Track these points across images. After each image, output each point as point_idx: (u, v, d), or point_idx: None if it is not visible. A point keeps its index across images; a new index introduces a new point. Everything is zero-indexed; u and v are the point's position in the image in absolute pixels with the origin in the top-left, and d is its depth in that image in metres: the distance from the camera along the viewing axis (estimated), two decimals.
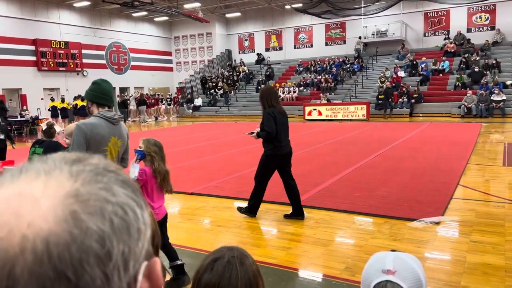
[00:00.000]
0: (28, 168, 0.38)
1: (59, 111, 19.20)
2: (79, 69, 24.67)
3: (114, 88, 26.77)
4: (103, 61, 26.41)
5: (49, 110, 19.46)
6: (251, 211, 5.08)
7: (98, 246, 0.34)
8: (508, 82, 18.50)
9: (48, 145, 4.77)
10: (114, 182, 0.39)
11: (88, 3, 23.66)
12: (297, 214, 4.97)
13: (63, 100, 19.41)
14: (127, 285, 0.37)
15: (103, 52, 26.38)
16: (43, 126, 5.17)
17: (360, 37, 25.14)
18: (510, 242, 4.03)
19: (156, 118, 23.86)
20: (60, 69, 23.60)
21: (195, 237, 4.54)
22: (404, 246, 4.05)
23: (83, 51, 24.82)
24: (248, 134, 5.21)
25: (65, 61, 23.81)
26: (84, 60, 24.91)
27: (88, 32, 25.35)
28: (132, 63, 28.39)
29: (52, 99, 20.18)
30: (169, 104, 24.82)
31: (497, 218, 4.76)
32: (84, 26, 25.12)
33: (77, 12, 24.60)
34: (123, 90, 27.51)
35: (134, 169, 3.50)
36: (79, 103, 19.69)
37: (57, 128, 5.17)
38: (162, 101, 24.25)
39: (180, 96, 27.77)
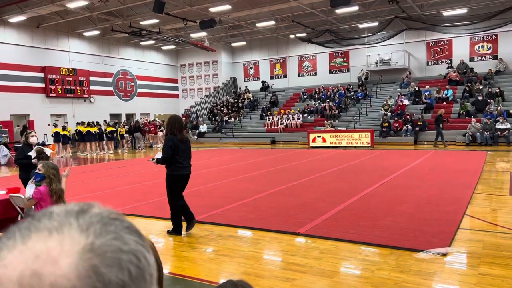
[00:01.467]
0: (37, 227, 0.39)
1: (61, 137, 19.43)
2: (87, 96, 25.06)
3: (120, 114, 27.10)
4: (110, 88, 26.84)
5: (52, 135, 19.74)
6: (176, 230, 5.67)
7: None
8: None
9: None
10: (122, 230, 0.41)
11: (97, 32, 24.27)
12: (188, 220, 5.72)
13: (64, 128, 19.69)
14: None
15: (110, 79, 26.85)
16: (33, 154, 5.25)
17: (362, 70, 25.45)
18: None
19: (151, 145, 23.86)
20: (68, 95, 23.99)
21: (199, 267, 4.49)
22: (411, 278, 3.98)
23: (91, 78, 25.28)
24: (150, 160, 5.89)
25: (73, 87, 24.23)
26: (92, 87, 25.33)
27: (97, 60, 25.89)
28: (139, 90, 28.82)
29: (55, 125, 20.44)
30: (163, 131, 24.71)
31: (505, 249, 4.68)
32: (93, 54, 25.68)
33: (86, 40, 25.21)
34: (129, 116, 27.82)
35: (30, 189, 4.26)
36: (83, 129, 19.90)
37: (47, 151, 5.29)
38: (160, 128, 24.29)
39: (187, 122, 27.95)
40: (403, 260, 4.45)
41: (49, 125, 21.97)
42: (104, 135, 20.96)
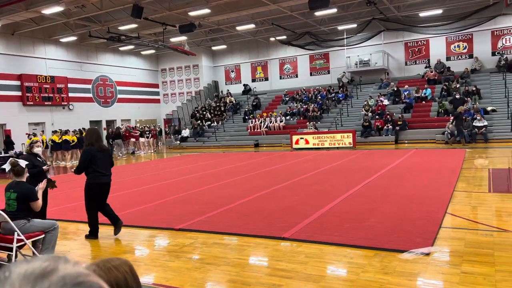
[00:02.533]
0: None
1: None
2: (65, 103, 24.61)
3: (100, 121, 26.69)
4: (90, 95, 26.43)
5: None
6: (92, 234, 6.04)
7: None
8: (489, 108, 18.98)
9: (21, 190, 4.88)
10: None
11: (74, 38, 23.87)
12: (115, 223, 6.08)
13: (34, 135, 19.28)
14: None
15: (89, 86, 26.44)
16: (7, 167, 5.11)
17: (344, 72, 25.69)
18: (500, 272, 4.02)
19: (133, 152, 23.55)
20: (46, 103, 23.51)
21: (183, 276, 4.42)
22: (395, 280, 4.01)
23: (69, 85, 24.84)
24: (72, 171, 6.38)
25: (51, 95, 23.76)
26: (70, 94, 24.89)
27: (75, 66, 25.46)
28: (119, 95, 28.46)
29: (34, 134, 20.00)
30: (147, 137, 24.30)
31: (486, 247, 4.76)
32: (71, 61, 25.25)
33: (63, 47, 24.77)
34: (109, 122, 27.43)
35: None
36: (55, 138, 19.48)
37: (22, 163, 5.15)
38: (142, 135, 23.97)
39: (166, 128, 27.72)
40: (388, 261, 4.48)
41: (27, 134, 21.46)
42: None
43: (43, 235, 4.96)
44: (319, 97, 24.53)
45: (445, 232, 5.44)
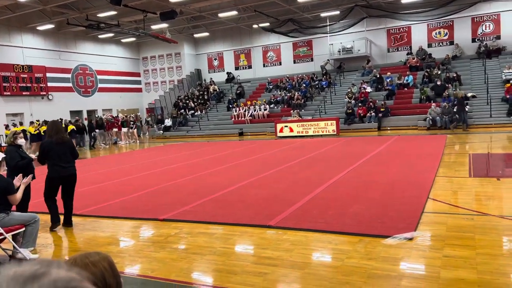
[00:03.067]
0: None
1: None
2: (44, 93, 24.03)
3: (81, 111, 26.21)
4: (69, 84, 25.86)
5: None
6: (53, 224, 6.01)
7: None
8: (469, 94, 19.29)
9: None
10: None
11: (52, 26, 23.22)
12: (65, 223, 6.12)
13: (14, 125, 18.87)
14: None
15: (69, 75, 25.85)
16: None
17: (328, 60, 25.66)
18: (480, 255, 4.11)
19: (116, 142, 23.27)
20: (24, 93, 22.92)
21: (169, 266, 4.40)
22: (379, 265, 4.06)
23: (48, 75, 24.24)
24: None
25: (29, 85, 23.17)
26: (49, 84, 24.30)
27: (53, 55, 24.83)
28: (100, 85, 27.93)
29: (14, 125, 19.54)
30: (131, 128, 23.94)
31: (467, 230, 4.86)
32: (49, 49, 24.59)
33: (40, 35, 24.08)
34: (90, 112, 26.94)
35: None
36: (31, 129, 19.08)
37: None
38: (123, 124, 23.64)
39: (148, 117, 27.34)
40: (372, 247, 4.54)
41: (5, 125, 20.92)
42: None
43: (23, 229, 4.86)
44: (303, 85, 24.53)
45: (428, 217, 5.54)
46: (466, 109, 17.39)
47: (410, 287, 3.57)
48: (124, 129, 23.56)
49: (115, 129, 23.33)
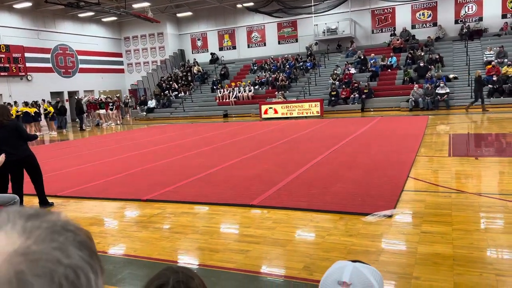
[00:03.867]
0: None
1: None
2: (23, 74, 23.41)
3: (62, 92, 25.68)
4: (49, 65, 25.23)
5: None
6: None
7: None
8: (451, 76, 19.53)
9: None
10: (71, 243, 0.37)
11: (29, 4, 22.47)
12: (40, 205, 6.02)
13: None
14: None
15: (48, 55, 25.19)
16: None
17: (316, 42, 25.52)
18: (457, 231, 4.24)
19: (98, 124, 22.97)
20: (2, 74, 22.29)
21: (152, 246, 4.41)
22: (359, 241, 4.15)
23: (26, 55, 23.58)
24: None
25: (7, 65, 22.52)
26: (28, 64, 23.66)
27: (31, 35, 24.10)
28: (81, 65, 27.32)
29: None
30: (111, 109, 23.54)
31: (445, 208, 4.99)
32: (26, 28, 23.85)
33: (17, 13, 23.30)
34: (72, 94, 26.41)
35: None
36: (13, 111, 18.67)
37: None
38: (101, 106, 23.28)
39: (126, 99, 26.90)
40: (352, 224, 4.63)
41: None
42: (42, 115, 19.78)
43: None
44: (287, 66, 24.43)
45: (407, 195, 5.65)
46: (483, 89, 16.49)
47: (388, 262, 3.67)
48: (108, 111, 23.21)
49: (102, 111, 22.97)
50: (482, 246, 3.87)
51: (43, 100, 21.52)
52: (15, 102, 19.68)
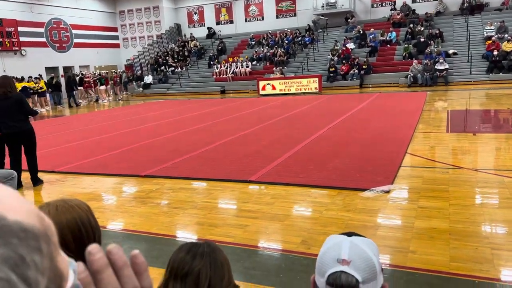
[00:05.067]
0: None
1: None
2: (17, 48, 23.01)
3: (57, 67, 25.35)
4: (43, 39, 24.76)
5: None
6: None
7: None
8: (451, 51, 19.33)
9: None
10: None
11: None
12: (32, 181, 5.99)
13: None
14: None
15: (42, 30, 24.69)
16: None
17: (322, 16, 25.03)
18: (453, 206, 4.27)
19: (97, 100, 22.78)
20: None
21: (151, 221, 4.44)
22: (357, 216, 4.19)
23: (20, 29, 23.10)
24: None
25: (0, 40, 22.09)
26: (22, 38, 23.22)
27: (24, 8, 23.55)
28: (75, 40, 26.85)
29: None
30: (102, 84, 23.13)
31: (442, 183, 5.02)
32: (19, 1, 23.27)
33: None
34: (67, 69, 26.06)
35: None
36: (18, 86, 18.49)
37: None
38: (101, 81, 22.98)
39: (127, 74, 26.57)
40: (350, 199, 4.66)
41: None
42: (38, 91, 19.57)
43: None
44: (286, 41, 24.09)
45: (405, 171, 5.68)
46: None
47: (385, 236, 3.71)
48: (102, 87, 22.95)
49: (102, 87, 22.69)
50: (478, 221, 3.91)
51: (40, 75, 21.22)
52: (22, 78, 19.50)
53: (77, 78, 22.70)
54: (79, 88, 22.35)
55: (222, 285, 1.36)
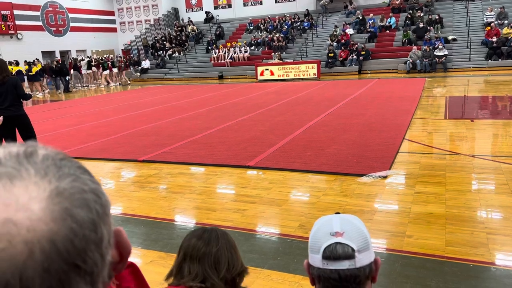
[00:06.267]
0: None
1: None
2: (13, 32, 22.76)
3: (54, 51, 25.12)
4: (39, 23, 24.49)
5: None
6: None
7: (93, 234, 0.38)
8: (450, 37, 19.22)
9: None
10: (76, 171, 0.40)
11: None
12: None
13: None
14: (111, 257, 0.43)
15: (38, 13, 24.40)
16: None
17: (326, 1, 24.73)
18: (450, 191, 4.31)
19: (108, 83, 22.69)
20: None
21: (149, 205, 4.46)
22: (354, 201, 4.22)
23: (15, 12, 22.83)
24: None
25: None
26: (18, 22, 22.96)
27: None
28: (72, 24, 26.56)
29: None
30: (105, 68, 22.88)
31: (439, 169, 5.05)
32: None
33: None
34: (63, 53, 25.83)
35: None
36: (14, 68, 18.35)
37: None
38: (104, 66, 22.80)
39: (124, 59, 26.35)
40: (347, 185, 4.69)
41: None
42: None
43: None
44: (285, 26, 23.88)
45: (402, 156, 5.70)
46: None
47: (382, 221, 3.75)
48: (106, 72, 22.74)
49: (106, 72, 22.50)
50: (475, 206, 3.95)
51: (37, 59, 21.01)
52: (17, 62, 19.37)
53: (82, 62, 22.47)
54: (87, 71, 22.27)
55: (239, 265, 1.44)
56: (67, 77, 21.13)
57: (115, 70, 22.90)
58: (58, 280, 0.35)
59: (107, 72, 22.70)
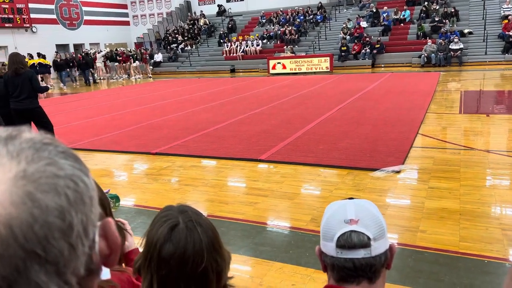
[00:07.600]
0: None
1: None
2: (28, 25, 23.03)
3: (68, 44, 25.36)
4: (53, 16, 24.73)
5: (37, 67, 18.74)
6: None
7: (59, 221, 0.36)
8: (466, 31, 18.87)
9: None
10: (56, 155, 0.39)
11: None
12: None
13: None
14: (89, 248, 0.40)
15: (52, 6, 24.63)
16: None
17: None
18: (464, 186, 4.26)
19: (129, 75, 22.84)
20: (6, 25, 21.93)
21: (162, 197, 4.50)
22: (366, 196, 4.19)
23: (30, 5, 23.07)
24: None
25: (11, 16, 22.12)
26: (32, 15, 23.22)
27: None
28: (86, 17, 26.76)
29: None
30: (135, 60, 23.03)
31: (453, 164, 4.99)
32: None
33: None
34: (77, 46, 26.06)
35: None
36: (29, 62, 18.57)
37: None
38: (130, 58, 22.98)
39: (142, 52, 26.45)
40: (360, 179, 4.66)
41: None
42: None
43: None
44: (297, 20, 23.70)
45: (416, 151, 5.65)
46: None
47: (395, 215, 3.72)
48: (134, 64, 22.91)
49: (134, 64, 22.66)
50: (489, 202, 3.90)
51: (39, 53, 21.15)
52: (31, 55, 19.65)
53: (98, 55, 22.72)
54: (115, 64, 22.60)
55: (226, 262, 1.09)
56: (91, 70, 21.37)
57: (137, 63, 23.03)
58: (14, 267, 0.34)
59: (135, 64, 22.81)
